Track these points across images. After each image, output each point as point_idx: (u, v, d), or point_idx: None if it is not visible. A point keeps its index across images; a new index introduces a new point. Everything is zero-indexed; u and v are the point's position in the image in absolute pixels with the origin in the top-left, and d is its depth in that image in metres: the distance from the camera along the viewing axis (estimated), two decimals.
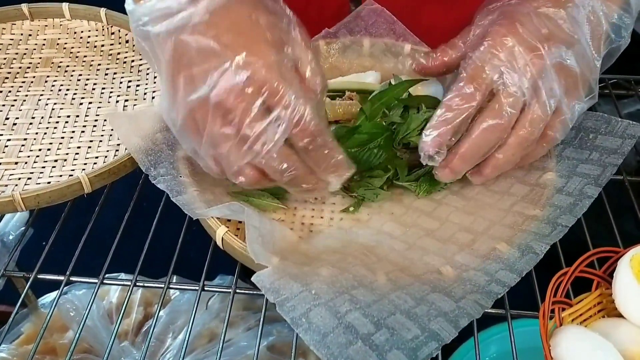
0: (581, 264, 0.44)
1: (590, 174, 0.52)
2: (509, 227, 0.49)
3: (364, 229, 0.52)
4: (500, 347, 0.97)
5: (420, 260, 0.47)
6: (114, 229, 0.53)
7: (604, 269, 0.45)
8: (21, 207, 0.52)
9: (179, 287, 0.52)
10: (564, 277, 0.43)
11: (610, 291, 0.44)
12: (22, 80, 0.66)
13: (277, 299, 0.41)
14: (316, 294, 0.41)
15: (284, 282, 0.42)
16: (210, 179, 0.52)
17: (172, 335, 1.05)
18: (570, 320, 0.43)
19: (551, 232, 0.47)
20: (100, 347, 0.99)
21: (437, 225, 0.51)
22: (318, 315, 0.40)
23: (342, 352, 0.38)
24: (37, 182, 0.55)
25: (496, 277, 0.44)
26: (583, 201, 0.49)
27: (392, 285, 0.43)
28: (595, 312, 0.44)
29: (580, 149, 0.54)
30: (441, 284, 0.44)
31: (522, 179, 0.54)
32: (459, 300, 0.42)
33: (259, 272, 0.43)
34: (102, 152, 0.58)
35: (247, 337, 1.02)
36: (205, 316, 1.05)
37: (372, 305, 0.41)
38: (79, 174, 0.53)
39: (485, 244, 0.48)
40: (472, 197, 0.54)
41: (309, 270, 0.44)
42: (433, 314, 0.41)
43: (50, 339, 1.02)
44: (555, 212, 0.49)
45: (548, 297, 0.41)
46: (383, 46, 0.65)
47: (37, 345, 0.47)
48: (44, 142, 0.59)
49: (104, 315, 1.03)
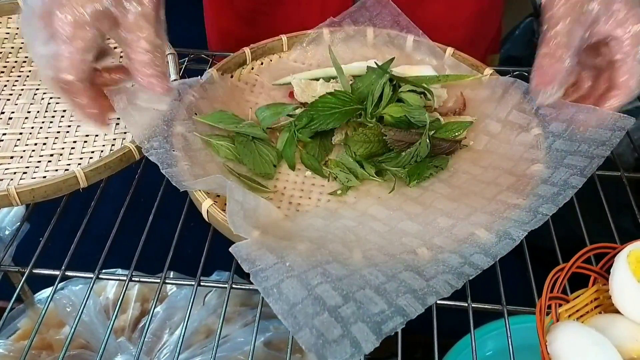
0: (578, 259, 0.44)
1: (576, 165, 0.52)
2: (489, 214, 0.49)
3: (349, 210, 0.52)
4: (497, 344, 0.97)
5: (399, 241, 0.48)
6: (110, 225, 0.53)
7: (601, 265, 0.45)
8: (16, 201, 0.51)
9: (175, 282, 0.52)
10: (560, 273, 0.43)
11: (607, 287, 0.44)
12: (18, 74, 0.66)
13: (251, 269, 0.42)
14: (290, 266, 0.42)
15: (261, 254, 0.43)
16: (203, 155, 0.53)
17: (168, 331, 1.05)
18: (567, 316, 0.43)
19: (531, 220, 0.47)
20: (97, 342, 0.99)
21: (420, 210, 0.52)
22: (289, 287, 0.41)
23: (307, 322, 0.39)
24: (32, 176, 0.55)
25: (470, 259, 0.45)
26: (566, 191, 0.49)
27: (366, 262, 0.44)
28: (592, 308, 0.44)
29: (570, 141, 0.54)
30: (415, 263, 0.44)
31: (510, 169, 0.54)
32: (430, 279, 0.43)
33: (238, 243, 0.44)
34: (98, 146, 0.58)
35: (243, 333, 1.02)
36: (202, 312, 1.05)
37: (344, 279, 0.42)
38: (75, 168, 0.53)
39: (464, 229, 0.48)
40: (459, 186, 0.54)
41: (287, 245, 0.44)
42: (402, 291, 0.41)
43: (46, 334, 1.02)
44: (537, 202, 0.49)
45: (545, 293, 0.41)
46: (386, 37, 0.66)
47: (32, 340, 0.47)
48: (40, 137, 0.59)
49: (100, 311, 1.03)
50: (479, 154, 0.57)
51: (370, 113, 0.57)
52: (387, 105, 0.57)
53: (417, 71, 0.62)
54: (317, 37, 0.66)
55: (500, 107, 0.59)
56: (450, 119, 0.60)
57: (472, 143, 0.59)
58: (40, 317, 0.49)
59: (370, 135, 0.55)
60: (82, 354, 0.99)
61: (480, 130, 0.59)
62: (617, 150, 0.56)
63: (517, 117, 0.58)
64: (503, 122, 0.59)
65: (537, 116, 0.57)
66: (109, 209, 0.56)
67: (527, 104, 0.58)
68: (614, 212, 0.54)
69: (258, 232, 0.45)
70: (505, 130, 0.58)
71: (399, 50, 0.66)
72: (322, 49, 0.66)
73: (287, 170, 0.56)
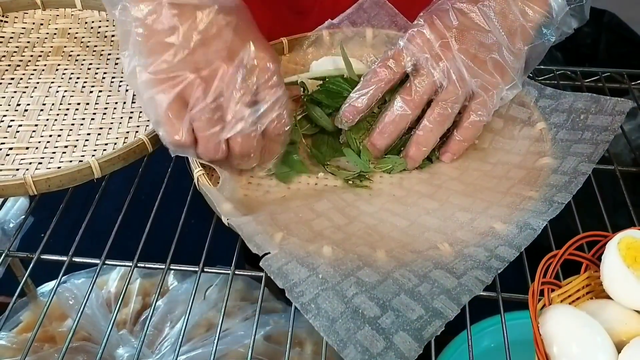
0: (570, 246, 0.45)
1: (583, 153, 0.54)
2: (506, 207, 0.51)
3: (366, 205, 0.54)
4: (493, 340, 0.98)
5: (422, 236, 0.49)
6: (113, 219, 0.54)
7: (592, 252, 0.47)
8: (32, 189, 0.53)
9: (179, 268, 0.53)
10: (553, 259, 0.45)
11: (598, 274, 0.45)
12: (34, 68, 0.68)
13: (285, 285, 0.42)
14: (323, 278, 0.42)
15: (292, 267, 0.43)
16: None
17: (169, 325, 1.06)
18: (559, 301, 0.45)
19: (548, 209, 0.49)
20: (99, 335, 1.00)
21: (437, 205, 0.53)
22: (326, 301, 0.41)
23: (350, 338, 0.39)
24: (47, 166, 0.57)
25: (496, 252, 0.46)
26: (578, 178, 0.51)
27: (396, 263, 0.45)
28: (583, 294, 0.46)
29: (572, 130, 0.56)
30: (443, 260, 0.45)
31: (519, 164, 0.56)
32: (460, 276, 0.44)
33: (267, 257, 0.44)
34: (111, 139, 0.60)
35: (244, 327, 1.03)
36: (203, 306, 1.06)
37: (377, 286, 0.42)
38: (89, 159, 0.54)
39: (484, 222, 0.50)
40: (472, 182, 0.56)
41: (313, 250, 0.45)
42: (436, 292, 0.42)
43: (49, 327, 1.03)
44: (551, 191, 0.51)
45: (537, 278, 0.43)
46: (385, 37, 0.68)
47: (36, 332, 0.47)
48: (55, 128, 0.61)
49: (102, 304, 1.04)
50: (486, 152, 0.59)
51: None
52: None
53: None
54: (317, 40, 0.68)
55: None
56: None
57: (477, 142, 0.60)
58: (44, 310, 0.49)
59: (373, 123, 0.57)
60: (84, 345, 1.00)
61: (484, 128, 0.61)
62: (615, 150, 0.58)
63: (517, 112, 0.60)
64: (504, 117, 0.60)
65: (537, 109, 0.59)
66: (112, 203, 0.57)
67: (526, 96, 0.60)
68: (610, 210, 0.56)
69: (280, 235, 0.45)
70: (508, 125, 0.60)
71: None
72: (322, 51, 0.68)
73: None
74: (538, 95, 0.61)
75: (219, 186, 0.51)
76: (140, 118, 0.62)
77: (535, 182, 0.53)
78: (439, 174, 0.58)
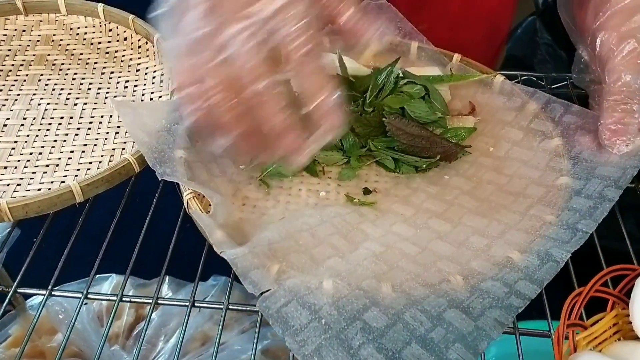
0: (596, 283, 0.42)
1: (610, 176, 0.50)
2: (525, 232, 0.47)
3: (372, 227, 0.50)
4: (501, 350, 0.95)
5: (434, 266, 0.45)
6: (105, 229, 0.52)
7: (619, 288, 0.44)
8: (8, 217, 0.49)
9: (168, 302, 0.50)
10: (578, 297, 0.41)
11: (626, 311, 0.42)
12: (15, 78, 0.64)
13: (286, 332, 0.38)
14: (326, 324, 0.39)
15: (292, 309, 0.39)
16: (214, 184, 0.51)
17: (164, 339, 1.03)
18: (585, 344, 0.41)
19: (571, 238, 0.45)
20: (90, 351, 0.97)
21: (449, 227, 0.50)
22: (330, 353, 0.37)
23: None
24: (26, 188, 0.53)
25: (515, 288, 0.42)
26: (603, 205, 0.48)
27: (406, 300, 0.41)
28: (610, 335, 0.43)
29: (598, 151, 0.53)
30: (458, 296, 0.42)
31: (537, 180, 0.53)
32: (477, 318, 0.40)
33: (264, 296, 0.40)
34: (96, 157, 0.56)
35: (241, 341, 1.00)
36: (199, 319, 1.03)
37: (386, 333, 0.39)
38: (71, 182, 0.51)
39: (501, 249, 0.46)
40: (486, 198, 0.52)
41: (315, 287, 0.41)
42: (451, 339, 0.38)
43: (38, 341, 1.00)
44: (574, 217, 0.47)
45: (563, 320, 0.40)
46: (389, 44, 0.64)
47: (24, 348, 0.45)
48: (36, 146, 0.57)
49: (93, 318, 1.01)
50: (501, 161, 0.56)
51: (369, 102, 0.56)
52: (388, 96, 0.56)
53: (422, 72, 0.62)
54: None
55: (521, 116, 0.59)
56: (454, 119, 0.59)
57: (492, 149, 0.57)
58: (32, 325, 0.47)
59: (372, 121, 0.55)
60: None
61: (501, 137, 0.58)
62: None
63: (539, 125, 0.57)
64: (525, 129, 0.58)
65: (560, 124, 0.56)
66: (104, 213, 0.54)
67: (550, 113, 0.57)
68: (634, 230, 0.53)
69: (277, 267, 0.42)
70: (528, 137, 0.57)
71: (403, 57, 0.64)
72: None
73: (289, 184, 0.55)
74: (564, 111, 0.57)
75: (211, 211, 0.47)
76: (127, 134, 0.57)
77: (555, 203, 0.49)
78: (450, 186, 0.54)
